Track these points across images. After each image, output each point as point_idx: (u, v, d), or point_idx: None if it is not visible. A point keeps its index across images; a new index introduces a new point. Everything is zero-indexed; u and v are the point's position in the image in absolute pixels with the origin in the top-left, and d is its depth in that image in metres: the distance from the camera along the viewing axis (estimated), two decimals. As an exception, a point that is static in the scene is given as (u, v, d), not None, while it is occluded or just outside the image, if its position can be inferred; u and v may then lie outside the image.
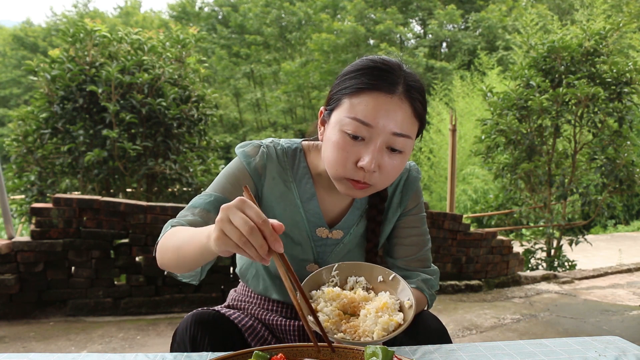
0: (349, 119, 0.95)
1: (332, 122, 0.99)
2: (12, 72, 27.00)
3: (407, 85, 0.96)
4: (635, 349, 0.97)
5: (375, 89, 0.94)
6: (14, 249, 3.30)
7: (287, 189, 1.12)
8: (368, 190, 1.02)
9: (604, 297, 4.86)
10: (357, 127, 0.94)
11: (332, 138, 0.98)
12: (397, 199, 1.18)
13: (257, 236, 0.71)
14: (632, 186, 6.16)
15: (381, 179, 0.99)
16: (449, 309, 4.10)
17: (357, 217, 1.16)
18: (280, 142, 1.15)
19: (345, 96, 0.97)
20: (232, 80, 26.16)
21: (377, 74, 0.96)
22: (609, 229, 13.26)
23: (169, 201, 5.07)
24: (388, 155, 0.97)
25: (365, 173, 0.96)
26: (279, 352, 0.79)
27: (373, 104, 0.94)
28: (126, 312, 3.56)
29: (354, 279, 1.06)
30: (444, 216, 4.75)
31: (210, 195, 1.06)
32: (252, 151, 1.11)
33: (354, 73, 0.98)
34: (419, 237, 1.19)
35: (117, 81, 4.56)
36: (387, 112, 0.94)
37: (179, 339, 1.01)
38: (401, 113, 0.95)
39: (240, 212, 0.72)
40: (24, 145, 4.72)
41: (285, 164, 1.12)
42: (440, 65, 23.96)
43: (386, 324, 0.90)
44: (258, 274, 1.22)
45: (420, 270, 1.18)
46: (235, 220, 0.72)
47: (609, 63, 6.00)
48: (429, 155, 14.99)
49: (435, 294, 1.21)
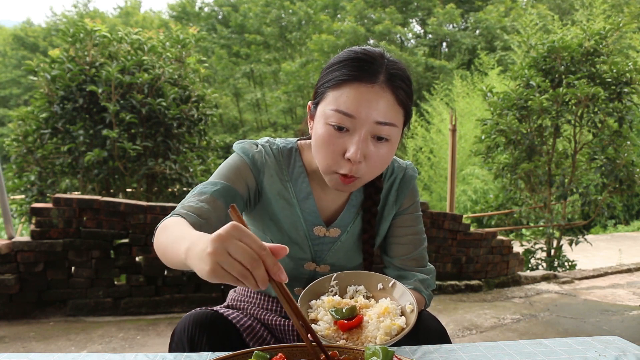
0: (332, 111, 0.95)
1: (318, 116, 1.00)
2: (12, 72, 26.99)
3: (388, 73, 0.97)
4: (635, 349, 0.96)
5: (356, 79, 0.95)
6: (14, 249, 3.30)
7: (284, 187, 1.12)
8: (356, 184, 1.02)
9: (604, 297, 4.86)
10: (340, 118, 0.95)
11: (318, 132, 0.99)
12: (393, 197, 1.18)
13: (259, 268, 0.66)
14: (632, 186, 6.16)
15: (368, 170, 1.00)
16: (449, 309, 4.10)
17: (353, 214, 1.17)
18: (275, 141, 1.16)
19: (328, 89, 0.98)
20: (232, 80, 26.16)
21: (357, 65, 0.96)
22: (609, 229, 13.26)
23: (169, 201, 5.07)
24: (374, 144, 0.97)
25: (352, 165, 0.97)
26: (278, 352, 0.79)
27: (354, 94, 0.94)
28: (126, 312, 3.56)
29: (353, 288, 1.05)
30: (444, 216, 4.75)
31: (215, 183, 1.04)
32: (250, 148, 1.12)
33: (336, 65, 0.98)
34: (414, 236, 1.19)
35: (117, 81, 4.56)
36: (368, 101, 0.94)
37: (177, 339, 1.02)
38: (383, 102, 0.95)
39: (238, 241, 0.65)
40: (24, 145, 4.72)
41: (281, 163, 1.13)
42: (440, 64, 23.96)
43: (389, 328, 0.89)
44: None
45: (416, 269, 1.18)
46: (235, 253, 0.65)
47: (609, 63, 6.00)
48: (429, 155, 14.98)
49: (432, 293, 1.21)
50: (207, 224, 0.97)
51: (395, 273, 1.19)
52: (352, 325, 0.90)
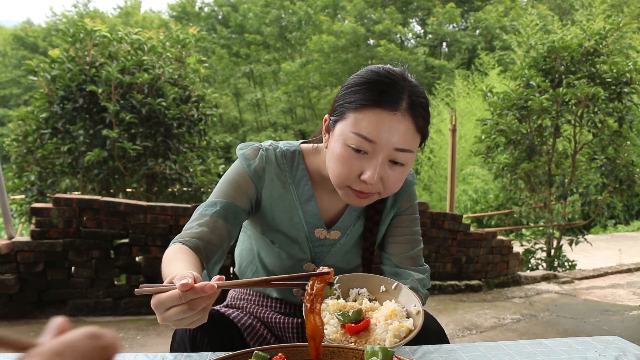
0: (353, 134, 0.96)
1: (336, 134, 1.01)
2: (12, 72, 26.98)
3: (411, 100, 0.98)
4: (635, 349, 0.97)
5: (379, 105, 0.95)
6: (14, 249, 3.30)
7: (286, 190, 1.13)
8: (372, 198, 1.04)
9: (604, 297, 4.86)
10: (360, 142, 0.96)
11: (336, 151, 1.00)
12: (391, 200, 1.21)
13: (188, 315, 0.73)
14: (632, 186, 6.16)
15: (384, 189, 1.02)
16: (449, 309, 4.10)
17: (354, 217, 1.19)
18: (279, 144, 1.17)
19: (349, 110, 0.98)
20: (232, 80, 26.16)
21: (380, 89, 0.96)
22: (609, 229, 13.26)
23: (169, 201, 5.07)
24: (390, 167, 0.99)
25: (368, 185, 0.99)
26: (278, 352, 0.79)
27: (376, 120, 0.95)
28: (126, 312, 3.56)
29: (356, 291, 1.05)
30: (444, 216, 4.75)
31: (215, 203, 1.07)
32: (252, 154, 1.13)
33: (359, 87, 0.98)
34: (411, 236, 1.22)
35: (117, 81, 4.56)
36: (390, 128, 0.95)
37: (178, 338, 1.02)
38: (404, 129, 0.96)
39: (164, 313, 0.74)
40: (24, 145, 4.72)
41: (284, 166, 1.14)
42: (440, 64, 23.96)
43: (397, 330, 0.89)
44: (257, 272, 1.23)
45: (412, 268, 1.20)
46: (169, 320, 0.74)
47: (609, 63, 6.00)
48: (429, 155, 14.98)
49: (428, 292, 1.23)
50: (209, 246, 1.01)
51: (392, 270, 1.21)
52: (359, 329, 0.91)
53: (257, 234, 1.19)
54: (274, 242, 1.16)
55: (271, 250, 1.18)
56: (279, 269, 1.18)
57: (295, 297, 1.23)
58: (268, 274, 1.21)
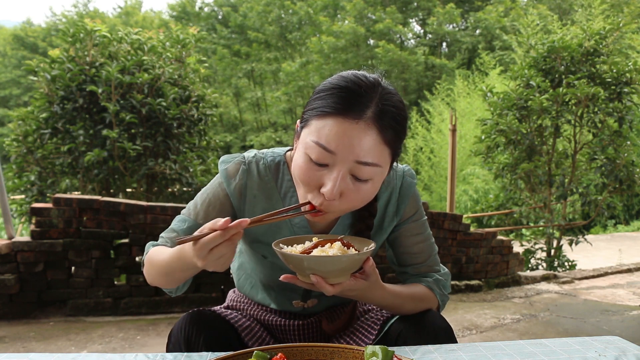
0: (313, 142, 0.90)
1: (301, 141, 0.95)
2: (12, 72, 27.00)
3: (378, 109, 0.89)
4: (635, 349, 0.97)
5: (340, 113, 0.88)
6: (14, 249, 3.30)
7: (272, 204, 1.09)
8: (326, 217, 0.98)
9: (604, 297, 4.86)
10: (319, 152, 0.89)
11: (298, 160, 0.94)
12: (393, 207, 1.12)
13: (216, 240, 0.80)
14: (632, 186, 6.16)
15: (342, 206, 0.94)
16: (449, 309, 4.10)
17: (346, 227, 1.13)
18: (264, 155, 1.12)
19: (312, 117, 0.92)
20: (233, 80, 26.18)
21: (344, 97, 0.89)
22: (609, 229, 13.26)
23: (169, 201, 5.07)
24: (353, 182, 0.91)
25: (324, 200, 0.92)
26: (278, 352, 0.79)
27: (337, 130, 0.87)
28: (126, 312, 3.56)
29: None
30: (444, 216, 4.75)
31: (184, 220, 1.11)
32: (233, 170, 1.08)
33: (324, 93, 0.92)
34: (425, 243, 1.16)
35: (117, 81, 4.56)
36: (350, 139, 0.87)
37: (174, 339, 1.02)
38: (367, 140, 0.88)
39: (208, 254, 0.81)
40: (24, 145, 4.72)
41: (267, 178, 1.09)
42: (440, 63, 23.97)
43: (342, 250, 0.89)
44: (255, 285, 1.23)
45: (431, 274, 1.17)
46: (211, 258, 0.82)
47: (609, 63, 6.00)
48: (429, 155, 14.99)
49: (448, 295, 1.18)
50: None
51: (411, 280, 1.17)
52: (313, 248, 0.91)
53: (248, 249, 1.18)
54: (266, 257, 1.13)
55: (264, 264, 1.15)
56: (275, 282, 1.15)
57: (294, 309, 1.19)
58: (264, 287, 1.20)
